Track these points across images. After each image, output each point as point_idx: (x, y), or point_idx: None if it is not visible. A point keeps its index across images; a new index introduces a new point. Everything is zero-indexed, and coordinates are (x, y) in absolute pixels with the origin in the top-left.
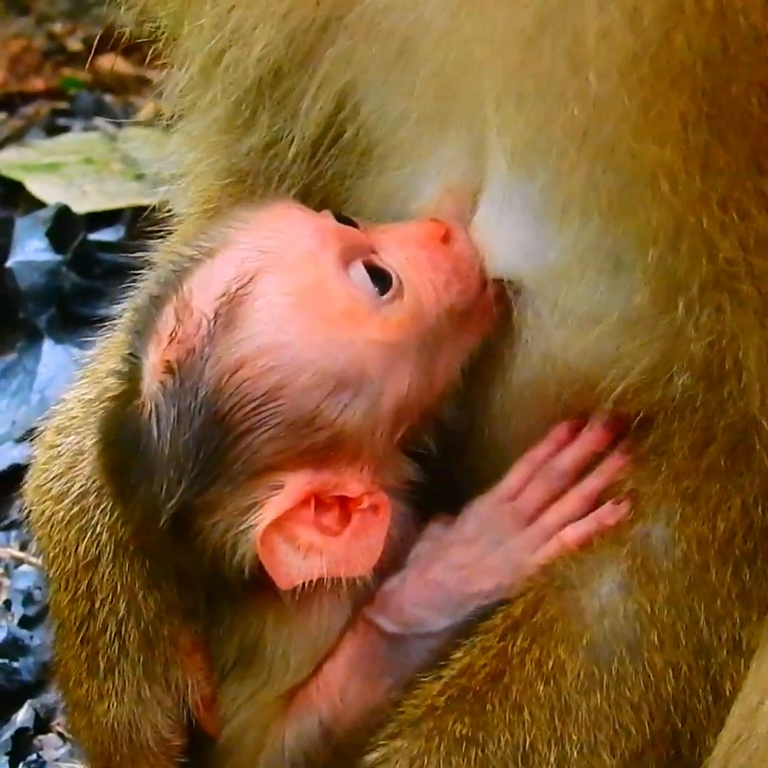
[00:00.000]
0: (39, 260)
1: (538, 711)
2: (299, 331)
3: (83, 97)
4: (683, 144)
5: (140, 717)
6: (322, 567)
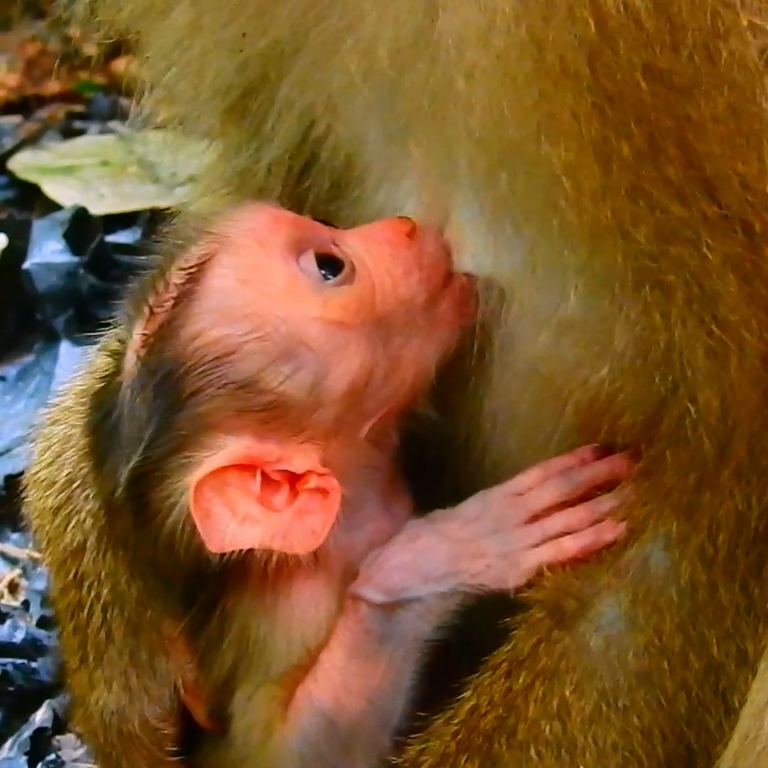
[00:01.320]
0: (56, 262)
1: (544, 748)
2: (244, 304)
3: (99, 101)
4: (578, 140)
5: (128, 706)
6: (256, 538)
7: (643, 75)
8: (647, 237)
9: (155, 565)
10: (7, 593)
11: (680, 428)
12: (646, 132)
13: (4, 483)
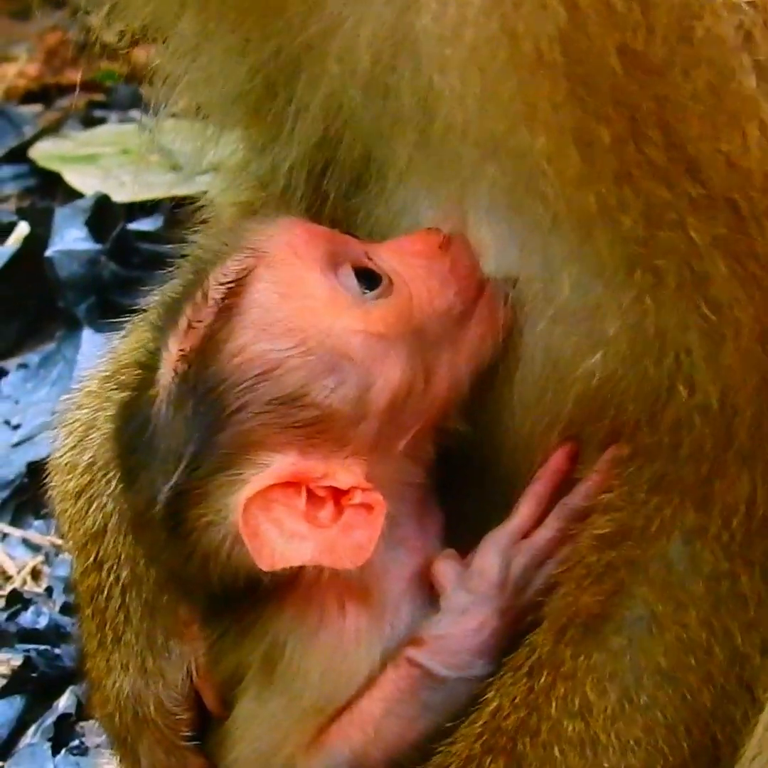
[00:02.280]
0: (78, 249)
1: (567, 747)
2: (286, 319)
3: (119, 90)
4: (558, 128)
5: (144, 689)
6: (305, 554)
7: (618, 58)
8: (635, 222)
9: (181, 579)
10: (30, 580)
11: (684, 415)
12: (626, 116)
13: (26, 470)
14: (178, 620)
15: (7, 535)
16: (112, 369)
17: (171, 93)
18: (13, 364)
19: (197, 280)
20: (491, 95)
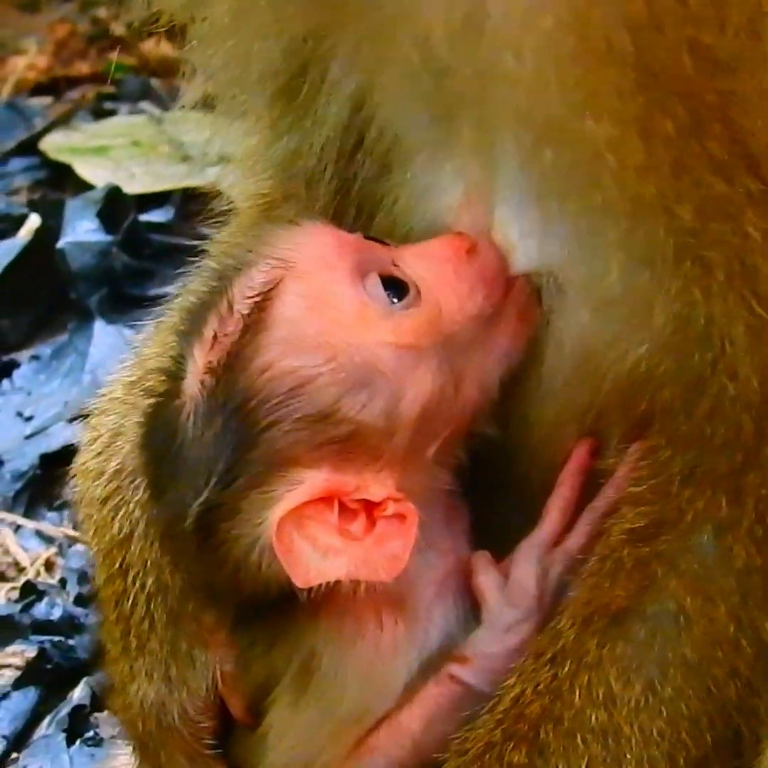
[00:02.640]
0: (90, 241)
1: (590, 736)
2: (315, 334)
3: (129, 82)
4: (622, 117)
5: (168, 697)
6: (341, 568)
7: (687, 51)
8: (689, 213)
9: (211, 589)
10: (43, 571)
11: (720, 404)
12: (690, 108)
13: (39, 462)
14: (202, 628)
15: (21, 526)
16: (138, 374)
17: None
18: (26, 356)
19: (222, 287)
20: (558, 80)
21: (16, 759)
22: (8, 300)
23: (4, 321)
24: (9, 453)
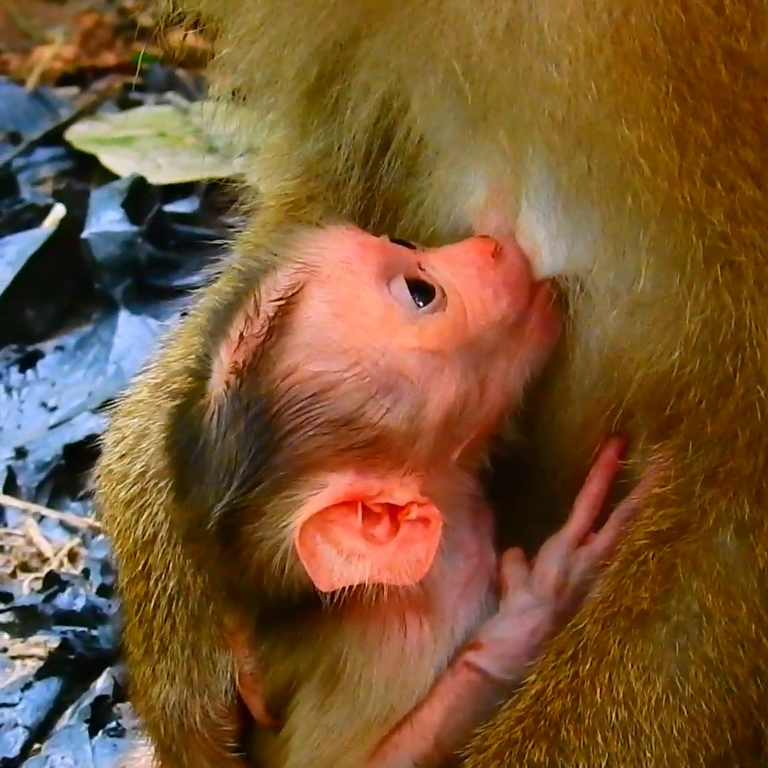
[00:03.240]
0: (115, 231)
1: (610, 735)
2: (340, 339)
3: (156, 72)
4: (657, 123)
5: (190, 700)
6: (364, 572)
7: (723, 60)
8: (720, 218)
9: (235, 591)
10: (66, 562)
11: (747, 406)
12: (724, 115)
13: (63, 452)
14: (223, 631)
15: (44, 517)
16: (163, 377)
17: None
18: (50, 347)
19: (249, 288)
20: (594, 88)
21: (38, 749)
22: (33, 290)
23: (28, 311)
24: (33, 443)
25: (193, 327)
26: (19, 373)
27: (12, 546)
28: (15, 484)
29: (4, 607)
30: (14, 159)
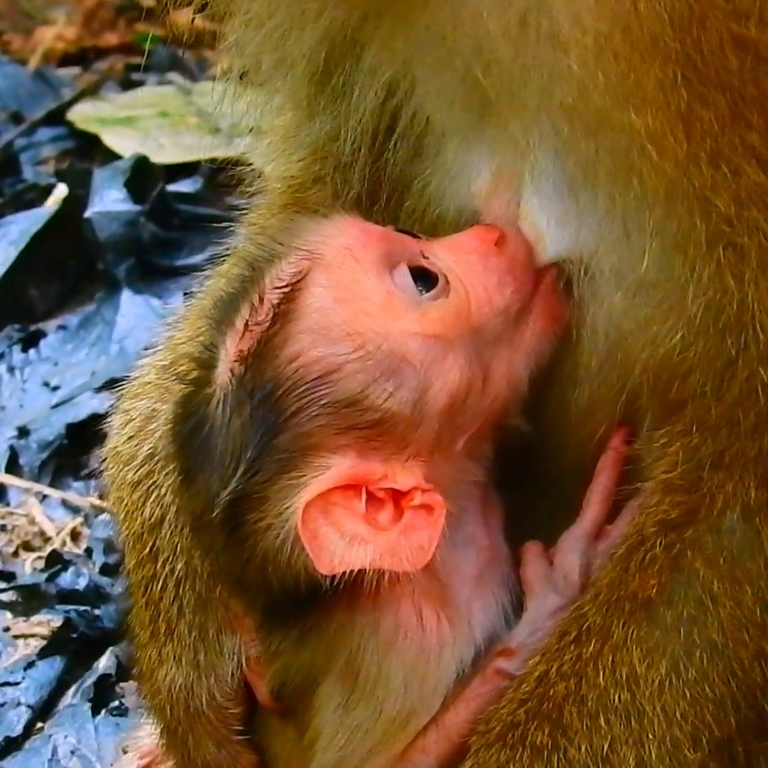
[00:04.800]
0: (117, 211)
1: (613, 717)
2: (343, 323)
3: (158, 52)
4: (664, 109)
5: (196, 682)
6: (366, 557)
7: (731, 46)
8: (724, 201)
9: (240, 580)
10: (69, 541)
11: (751, 389)
12: (729, 100)
13: (65, 432)
14: (230, 613)
15: (47, 496)
16: (170, 359)
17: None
18: (53, 326)
19: (253, 277)
20: (603, 74)
21: (41, 728)
22: (35, 270)
23: (31, 291)
24: (35, 423)
25: (200, 309)
26: (21, 353)
27: (14, 525)
28: (18, 463)
29: (7, 587)
30: (17, 139)
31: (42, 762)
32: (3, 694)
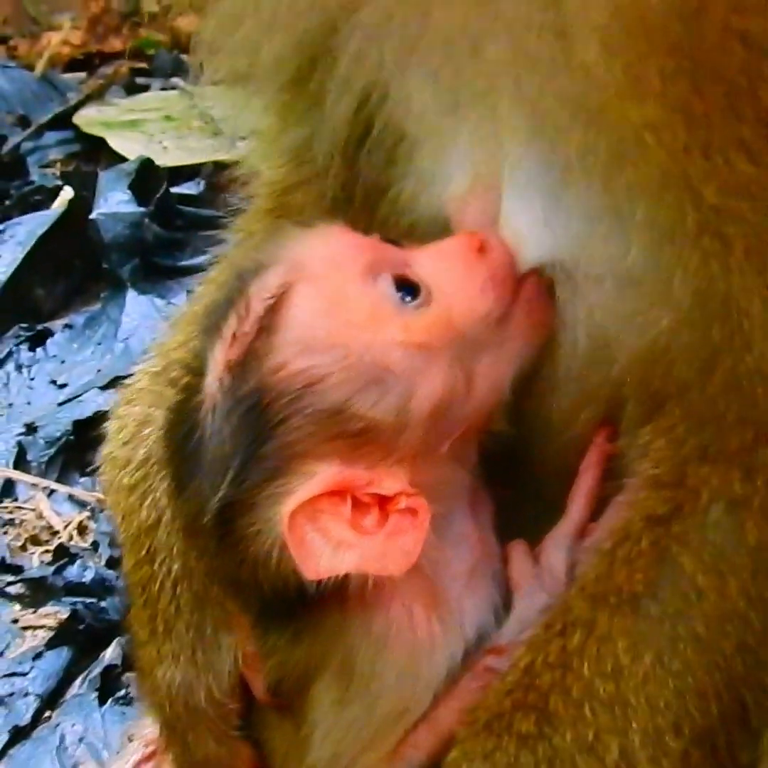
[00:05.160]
0: (122, 212)
1: (598, 706)
2: (326, 335)
3: (161, 57)
4: (663, 99)
5: (195, 680)
6: (351, 562)
7: (728, 38)
8: (713, 191)
9: (233, 584)
10: (76, 535)
11: (735, 379)
12: (721, 91)
13: (72, 428)
14: (226, 612)
15: (54, 491)
16: (162, 365)
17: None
18: (59, 325)
19: (240, 288)
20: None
21: (49, 717)
22: (42, 270)
23: (38, 290)
24: (43, 419)
25: (191, 315)
26: (29, 351)
27: (22, 520)
28: (25, 459)
29: (15, 579)
30: (24, 142)
31: (50, 750)
32: (12, 684)
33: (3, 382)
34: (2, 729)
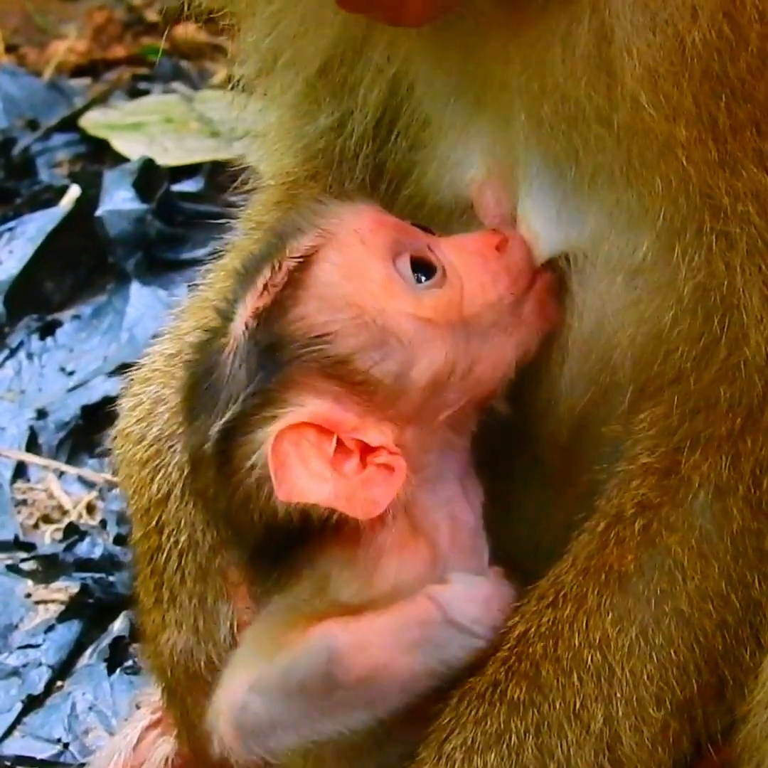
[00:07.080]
0: (126, 209)
1: (585, 675)
2: (345, 296)
3: (162, 64)
4: (696, 119)
5: (195, 647)
6: (322, 495)
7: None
8: (723, 195)
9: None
10: (85, 514)
11: (730, 368)
12: (751, 111)
13: (80, 413)
14: (227, 582)
15: (64, 472)
16: (176, 348)
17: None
18: (68, 316)
19: (277, 244)
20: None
21: (61, 686)
22: (51, 264)
23: (47, 283)
24: (53, 405)
25: (202, 300)
26: (39, 341)
27: (34, 500)
28: (37, 442)
29: (28, 556)
30: (33, 144)
31: (62, 718)
32: (25, 656)
33: (15, 370)
34: (17, 698)
